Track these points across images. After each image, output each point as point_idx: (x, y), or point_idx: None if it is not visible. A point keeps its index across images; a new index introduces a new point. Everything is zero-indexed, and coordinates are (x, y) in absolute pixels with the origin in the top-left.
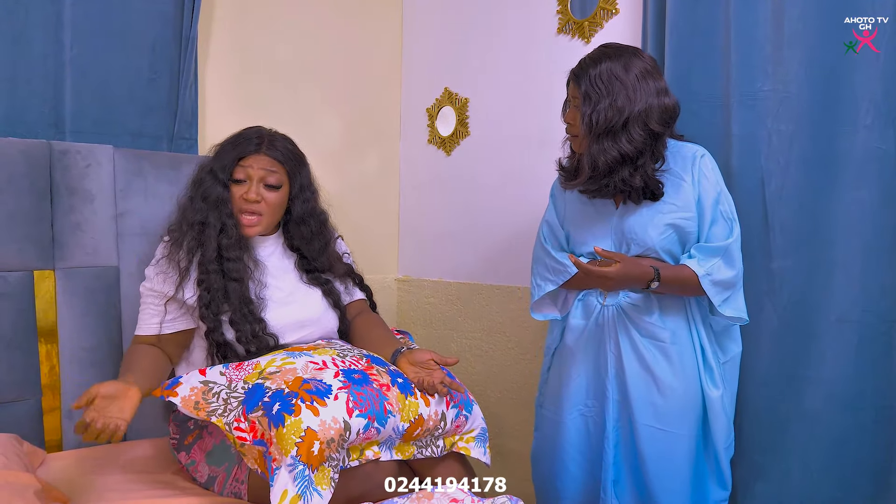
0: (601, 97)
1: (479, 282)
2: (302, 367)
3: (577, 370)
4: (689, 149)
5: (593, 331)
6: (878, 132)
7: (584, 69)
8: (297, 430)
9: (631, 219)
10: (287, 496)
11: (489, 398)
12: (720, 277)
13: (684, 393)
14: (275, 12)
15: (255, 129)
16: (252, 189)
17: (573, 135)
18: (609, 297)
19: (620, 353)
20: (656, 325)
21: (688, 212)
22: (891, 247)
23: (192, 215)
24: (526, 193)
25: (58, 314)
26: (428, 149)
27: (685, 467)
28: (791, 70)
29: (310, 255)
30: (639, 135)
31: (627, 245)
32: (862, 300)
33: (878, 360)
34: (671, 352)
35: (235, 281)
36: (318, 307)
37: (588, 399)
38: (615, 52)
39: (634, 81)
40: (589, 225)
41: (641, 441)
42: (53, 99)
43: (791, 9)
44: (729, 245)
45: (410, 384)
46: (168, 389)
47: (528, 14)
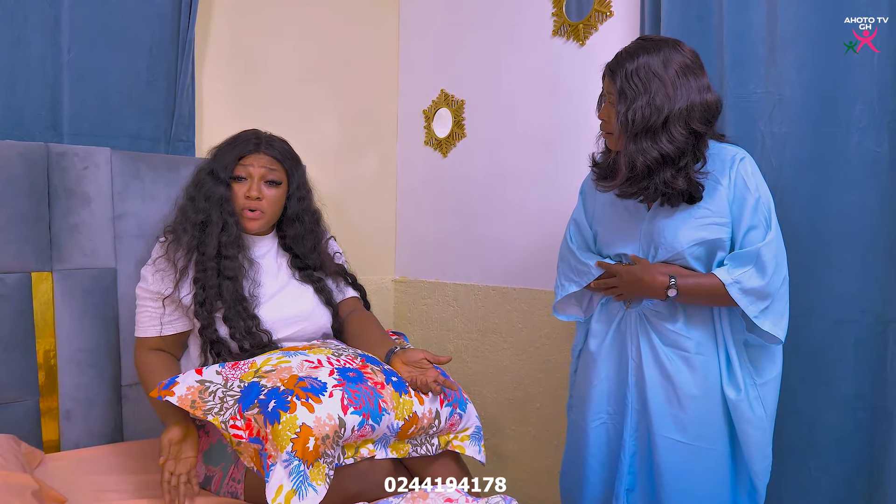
0: (638, 94)
1: (476, 283)
2: (297, 365)
3: (599, 376)
4: (729, 151)
5: (615, 336)
6: (873, 134)
7: (619, 63)
8: (293, 426)
9: (661, 222)
10: (282, 491)
11: (485, 399)
12: (751, 286)
13: (706, 404)
14: (271, 15)
15: (252, 131)
16: (254, 186)
17: (608, 132)
18: (633, 303)
19: (641, 361)
20: (680, 333)
21: (722, 217)
22: (886, 248)
23: (193, 215)
24: (521, 195)
25: (55, 315)
26: (425, 150)
27: (704, 481)
28: (784, 72)
29: (302, 252)
30: (680, 134)
31: (655, 249)
32: (858, 301)
33: (874, 361)
34: (695, 362)
35: (230, 279)
36: (309, 303)
37: (609, 406)
38: (653, 46)
39: (674, 77)
40: (618, 226)
41: (659, 452)
42: (51, 101)
43: (784, 11)
44: (759, 250)
45: (405, 383)
46: (165, 389)
47: (523, 17)
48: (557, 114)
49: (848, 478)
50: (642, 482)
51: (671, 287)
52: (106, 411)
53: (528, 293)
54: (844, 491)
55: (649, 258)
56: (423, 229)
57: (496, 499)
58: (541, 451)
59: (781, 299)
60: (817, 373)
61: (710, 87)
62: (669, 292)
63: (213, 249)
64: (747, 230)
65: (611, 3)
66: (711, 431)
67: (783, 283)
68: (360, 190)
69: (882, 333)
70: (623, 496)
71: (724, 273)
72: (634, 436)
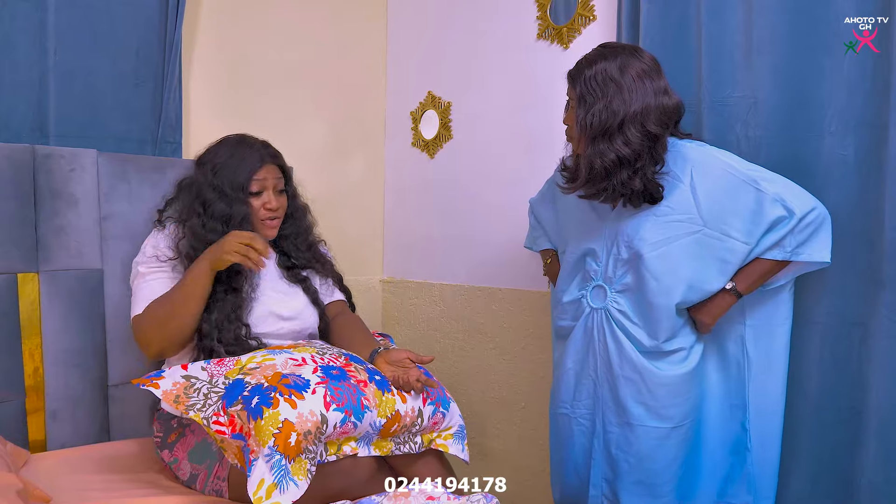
0: (596, 99)
1: (462, 283)
2: (281, 363)
3: (566, 366)
4: (688, 148)
5: (584, 332)
6: (840, 139)
7: (579, 70)
8: (275, 421)
9: (625, 221)
10: (264, 485)
11: (471, 398)
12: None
13: (676, 389)
14: (259, 17)
15: (248, 138)
16: (272, 199)
17: (571, 136)
18: (596, 301)
19: (609, 357)
20: (644, 330)
21: (684, 214)
22: (852, 251)
23: (210, 235)
24: (507, 196)
25: (42, 316)
26: (412, 151)
27: (674, 462)
28: (759, 77)
29: (296, 249)
30: (636, 137)
31: (618, 247)
32: (826, 303)
33: (841, 361)
34: (663, 352)
35: (236, 290)
36: (299, 303)
37: (577, 398)
38: (611, 53)
39: (630, 82)
40: (585, 223)
41: (638, 439)
42: (37, 104)
43: (759, 17)
44: (771, 203)
45: (388, 382)
46: (150, 380)
47: (508, 20)
48: (542, 116)
49: (815, 477)
50: (618, 470)
51: (736, 295)
52: (92, 411)
53: (514, 293)
54: (812, 490)
55: (612, 256)
56: (411, 230)
57: (477, 497)
58: (526, 450)
59: (812, 223)
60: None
61: (670, 90)
62: (738, 296)
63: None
64: (734, 203)
65: (594, 7)
66: (685, 411)
67: (810, 205)
68: (348, 191)
69: (849, 334)
70: (600, 484)
71: (753, 250)
72: (608, 426)
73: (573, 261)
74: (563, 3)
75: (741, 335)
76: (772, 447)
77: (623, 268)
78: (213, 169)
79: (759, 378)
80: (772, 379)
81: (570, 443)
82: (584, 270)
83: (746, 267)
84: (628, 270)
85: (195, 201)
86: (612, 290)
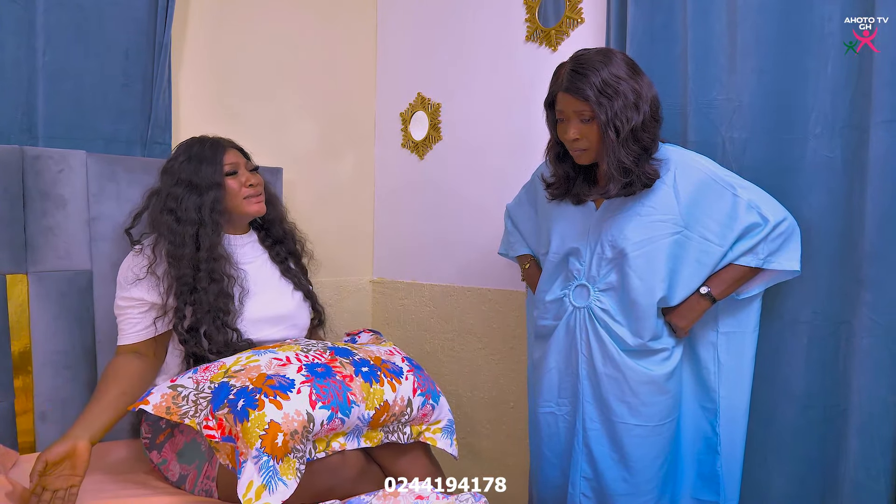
0: (615, 101)
1: (451, 284)
2: (266, 363)
3: (549, 366)
4: (670, 150)
5: (566, 331)
6: (826, 141)
7: (582, 80)
8: (261, 423)
9: (609, 220)
10: (253, 486)
11: (461, 398)
12: (758, 239)
13: (657, 388)
14: (249, 18)
15: (202, 136)
16: (249, 175)
17: (583, 148)
18: (578, 300)
19: (591, 355)
20: (628, 329)
21: (665, 214)
22: (837, 251)
23: (187, 227)
24: (496, 197)
25: (31, 317)
26: (402, 153)
27: (656, 461)
28: (744, 79)
29: (283, 233)
30: (653, 125)
31: (602, 246)
32: (811, 302)
33: (826, 360)
34: (645, 352)
35: (216, 282)
36: (292, 302)
37: (560, 396)
38: (604, 57)
39: (634, 76)
40: (569, 222)
41: (620, 437)
42: (26, 104)
43: (743, 20)
44: (744, 208)
45: (375, 372)
46: (140, 402)
47: (497, 22)
48: (531, 117)
49: (801, 476)
50: (599, 468)
51: (710, 300)
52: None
53: (503, 294)
54: (798, 488)
55: (596, 255)
56: (401, 231)
57: (466, 496)
58: (514, 449)
59: (784, 233)
60: (771, 372)
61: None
62: (713, 301)
63: (206, 252)
64: (714, 205)
65: (582, 9)
66: (666, 409)
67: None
68: (338, 192)
69: (834, 333)
70: (579, 483)
71: (727, 253)
72: (589, 425)
73: (556, 261)
74: (551, 6)
75: (713, 342)
76: (738, 448)
77: (607, 266)
78: (179, 168)
79: (729, 383)
80: (740, 384)
81: (556, 440)
82: (566, 270)
83: (721, 272)
84: (612, 269)
85: (167, 200)
86: (595, 288)
